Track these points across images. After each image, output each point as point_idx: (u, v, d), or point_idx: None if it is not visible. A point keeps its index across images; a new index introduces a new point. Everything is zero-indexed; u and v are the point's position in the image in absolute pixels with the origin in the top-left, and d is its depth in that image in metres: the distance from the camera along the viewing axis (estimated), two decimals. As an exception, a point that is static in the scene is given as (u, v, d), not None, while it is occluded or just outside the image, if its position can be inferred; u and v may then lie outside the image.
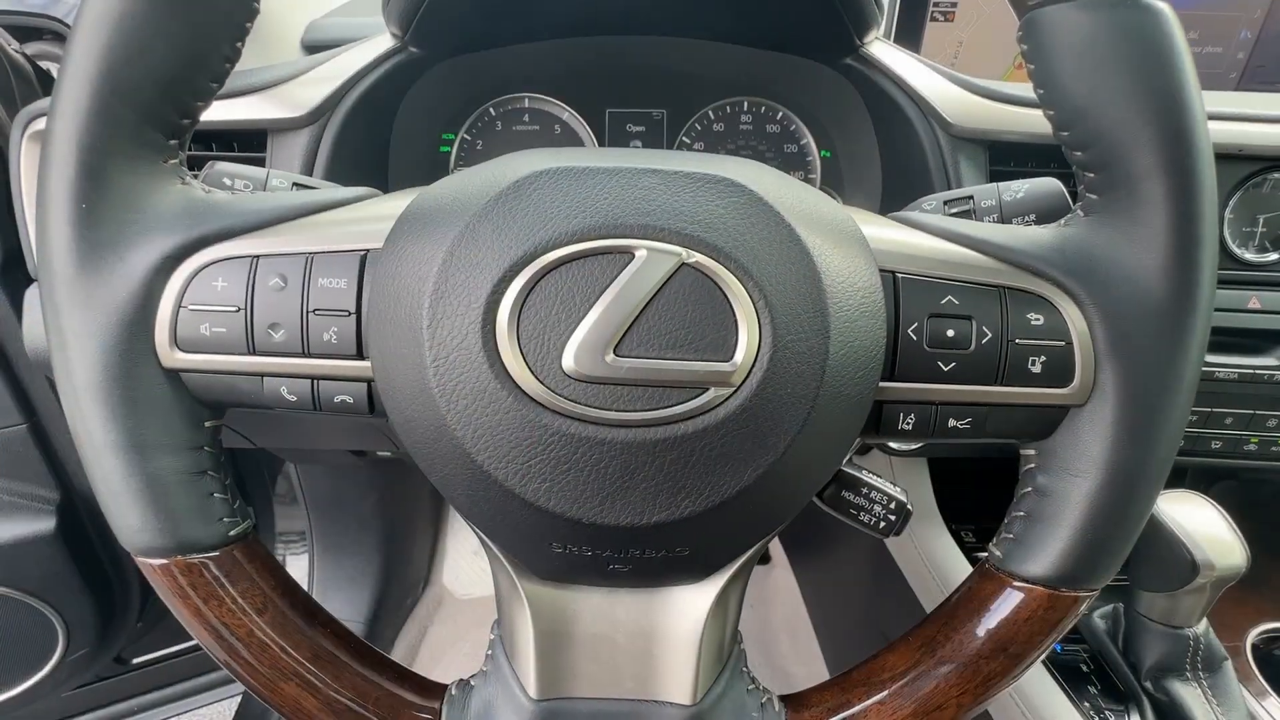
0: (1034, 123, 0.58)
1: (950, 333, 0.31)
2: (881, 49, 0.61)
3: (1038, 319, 0.31)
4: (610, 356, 0.27)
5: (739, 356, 0.27)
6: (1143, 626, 0.62)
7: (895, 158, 0.64)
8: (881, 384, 0.31)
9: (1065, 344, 0.31)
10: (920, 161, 0.59)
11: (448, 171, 0.69)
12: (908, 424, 0.32)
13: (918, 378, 0.31)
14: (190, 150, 0.59)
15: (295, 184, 0.43)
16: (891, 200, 0.65)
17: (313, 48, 0.87)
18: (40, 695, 0.91)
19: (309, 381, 0.31)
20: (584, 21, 0.65)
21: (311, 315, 0.30)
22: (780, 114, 0.71)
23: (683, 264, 0.27)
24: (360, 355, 0.31)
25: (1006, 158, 0.60)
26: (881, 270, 0.31)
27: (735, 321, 0.27)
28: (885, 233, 0.32)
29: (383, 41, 0.60)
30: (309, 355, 0.31)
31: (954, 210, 0.40)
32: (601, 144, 0.71)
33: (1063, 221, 0.33)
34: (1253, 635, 0.75)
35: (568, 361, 0.27)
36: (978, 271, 0.31)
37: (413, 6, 0.55)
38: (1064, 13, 0.29)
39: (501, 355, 0.27)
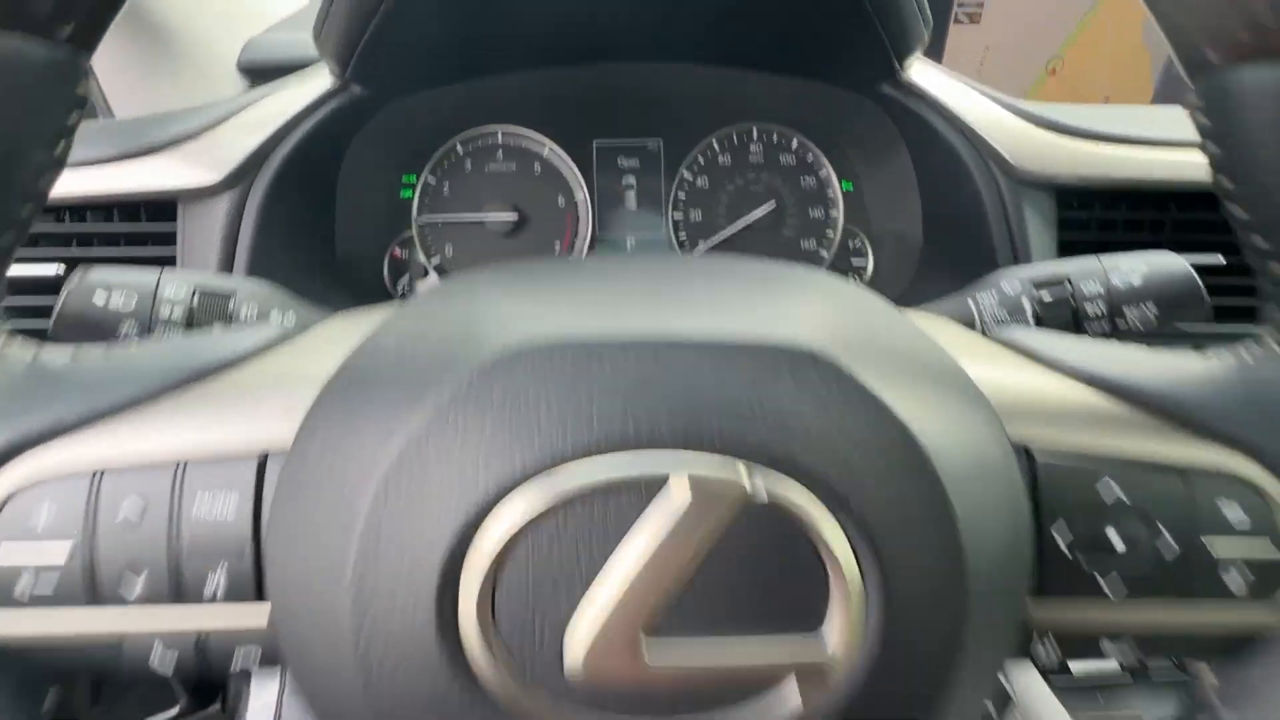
0: (1109, 162, 0.49)
1: (1111, 533, 0.22)
2: (923, 72, 0.51)
3: (1236, 511, 0.22)
4: (643, 645, 0.17)
5: (833, 635, 0.18)
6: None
7: (939, 198, 0.55)
8: None
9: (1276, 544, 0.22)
10: (974, 208, 0.49)
11: (410, 222, 0.59)
12: (1052, 658, 0.23)
13: (1068, 596, 0.22)
14: (87, 222, 0.49)
15: (199, 289, 0.34)
16: (934, 249, 0.56)
17: (251, 70, 0.76)
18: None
19: (192, 638, 0.22)
20: (561, 49, 0.54)
21: (186, 550, 0.21)
22: (795, 141, 0.61)
23: (747, 498, 0.18)
24: (260, 595, 0.21)
25: (1069, 198, 0.51)
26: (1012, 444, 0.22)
27: (825, 580, 0.18)
28: (1001, 376, 0.23)
29: (322, 79, 0.49)
30: (184, 601, 0.21)
31: (1048, 298, 0.33)
32: (589, 181, 0.61)
33: (1244, 348, 0.24)
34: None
35: (572, 660, 0.17)
36: (1147, 442, 0.22)
37: (350, 39, 0.44)
38: (1275, 72, 0.20)
39: (468, 653, 0.18)
